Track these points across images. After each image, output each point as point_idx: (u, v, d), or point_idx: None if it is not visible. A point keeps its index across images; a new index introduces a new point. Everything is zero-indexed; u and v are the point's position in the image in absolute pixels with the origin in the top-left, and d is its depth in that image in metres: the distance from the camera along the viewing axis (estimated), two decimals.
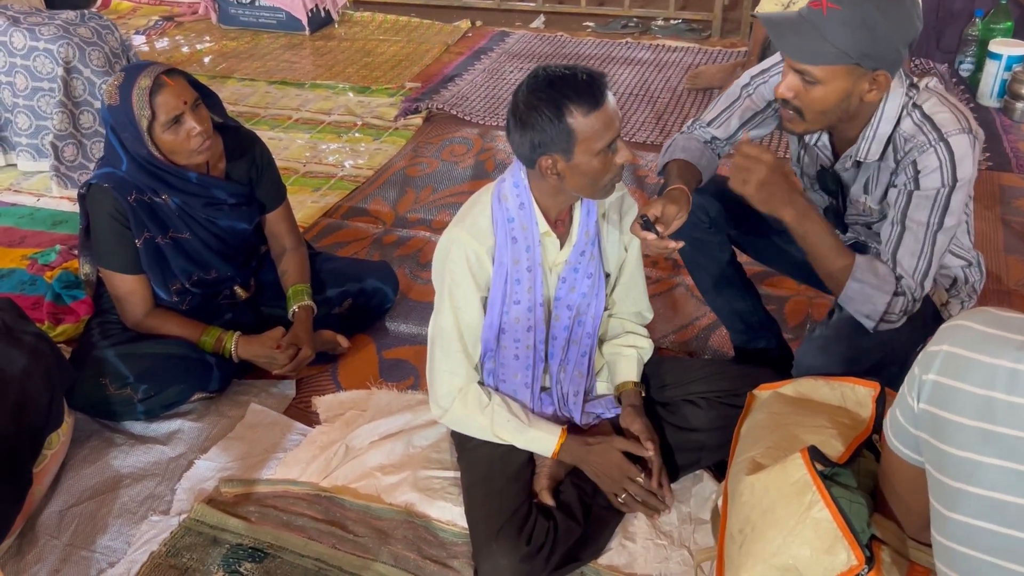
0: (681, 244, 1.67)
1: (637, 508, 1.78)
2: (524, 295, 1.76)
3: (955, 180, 1.61)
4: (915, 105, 1.65)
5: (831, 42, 1.53)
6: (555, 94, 1.56)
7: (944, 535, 1.10)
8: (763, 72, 1.87)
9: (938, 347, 1.09)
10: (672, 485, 1.87)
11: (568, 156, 1.60)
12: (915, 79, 1.67)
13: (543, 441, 1.79)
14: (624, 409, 1.87)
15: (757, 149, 1.62)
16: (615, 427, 1.88)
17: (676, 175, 1.83)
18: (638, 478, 1.77)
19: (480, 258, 1.73)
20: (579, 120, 1.56)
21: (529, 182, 1.71)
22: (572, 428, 1.84)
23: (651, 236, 1.65)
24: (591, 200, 1.77)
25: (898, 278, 1.67)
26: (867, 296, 1.67)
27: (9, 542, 1.79)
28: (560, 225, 1.77)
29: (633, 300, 1.95)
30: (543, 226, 1.73)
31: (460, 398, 1.80)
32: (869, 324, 1.71)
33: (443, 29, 5.17)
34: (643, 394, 1.90)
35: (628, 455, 1.78)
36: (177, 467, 2.01)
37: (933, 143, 1.61)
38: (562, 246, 1.78)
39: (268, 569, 1.75)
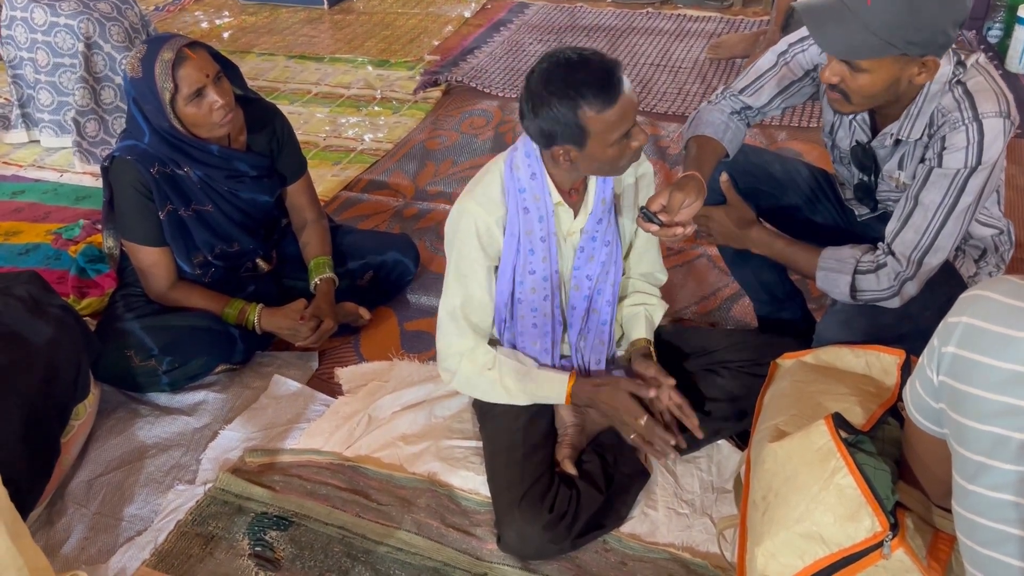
0: (691, 230, 1.65)
1: (646, 448, 1.76)
2: (539, 265, 1.75)
3: (979, 163, 1.57)
4: (959, 82, 1.59)
5: (875, 33, 1.47)
6: (569, 90, 1.51)
7: (965, 507, 1.08)
8: (802, 40, 1.81)
9: (957, 318, 1.07)
10: (694, 454, 1.87)
11: (581, 148, 1.58)
12: (963, 56, 1.62)
13: (554, 387, 1.79)
14: (635, 358, 1.86)
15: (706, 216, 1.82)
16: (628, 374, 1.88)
17: (693, 158, 1.80)
18: (641, 419, 1.73)
19: (490, 228, 1.73)
20: (593, 117, 1.52)
21: (542, 155, 1.69)
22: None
23: (653, 228, 1.63)
24: None
25: (890, 253, 1.66)
26: (832, 280, 1.72)
27: (39, 511, 1.82)
28: (573, 194, 1.75)
29: (648, 263, 1.95)
30: (556, 196, 1.71)
31: (468, 356, 1.80)
32: (849, 302, 1.73)
33: (462, 1, 5.13)
34: (652, 346, 1.89)
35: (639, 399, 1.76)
36: (202, 437, 2.04)
37: (967, 121, 1.57)
38: (576, 215, 1.77)
39: (293, 537, 1.77)
